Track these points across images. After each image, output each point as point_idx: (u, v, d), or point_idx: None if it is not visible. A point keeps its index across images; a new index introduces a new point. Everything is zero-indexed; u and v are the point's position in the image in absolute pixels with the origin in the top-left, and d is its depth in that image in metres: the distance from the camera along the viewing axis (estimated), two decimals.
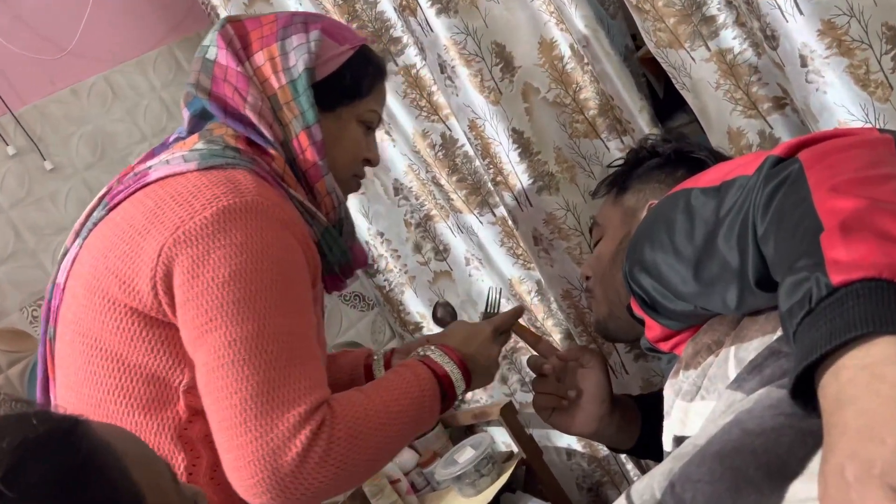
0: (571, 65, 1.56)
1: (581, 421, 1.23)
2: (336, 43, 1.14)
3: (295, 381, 0.90)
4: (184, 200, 0.95)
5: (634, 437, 1.25)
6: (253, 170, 1.02)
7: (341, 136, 1.15)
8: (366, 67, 1.16)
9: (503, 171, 1.61)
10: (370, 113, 1.18)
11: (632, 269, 0.90)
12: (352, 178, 1.20)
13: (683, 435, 0.84)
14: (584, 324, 1.67)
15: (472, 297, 1.98)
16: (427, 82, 1.74)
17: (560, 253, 1.63)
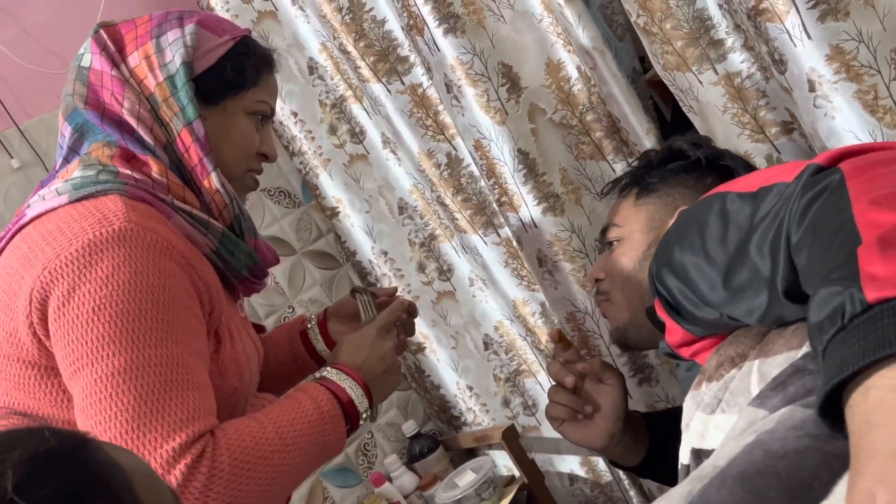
0: (578, 86, 1.57)
1: (593, 435, 1.23)
2: (214, 35, 1.11)
3: (170, 413, 0.87)
4: (52, 239, 0.91)
5: (641, 456, 1.25)
6: (127, 192, 0.97)
7: (229, 130, 1.11)
8: (248, 57, 1.12)
9: (508, 191, 1.61)
10: (259, 104, 1.13)
11: (660, 269, 0.89)
12: (246, 175, 1.15)
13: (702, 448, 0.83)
14: (588, 347, 1.66)
15: (476, 319, 1.97)
16: (433, 102, 1.74)
17: (564, 275, 1.62)
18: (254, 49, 1.14)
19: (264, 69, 1.15)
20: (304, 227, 2.13)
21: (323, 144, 1.99)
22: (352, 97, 1.97)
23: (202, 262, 1.02)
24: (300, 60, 1.96)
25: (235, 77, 1.11)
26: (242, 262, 1.09)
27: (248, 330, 1.17)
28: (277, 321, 2.02)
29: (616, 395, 1.23)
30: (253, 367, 1.10)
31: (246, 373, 1.06)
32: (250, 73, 1.12)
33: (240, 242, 1.08)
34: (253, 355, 1.12)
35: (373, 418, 1.11)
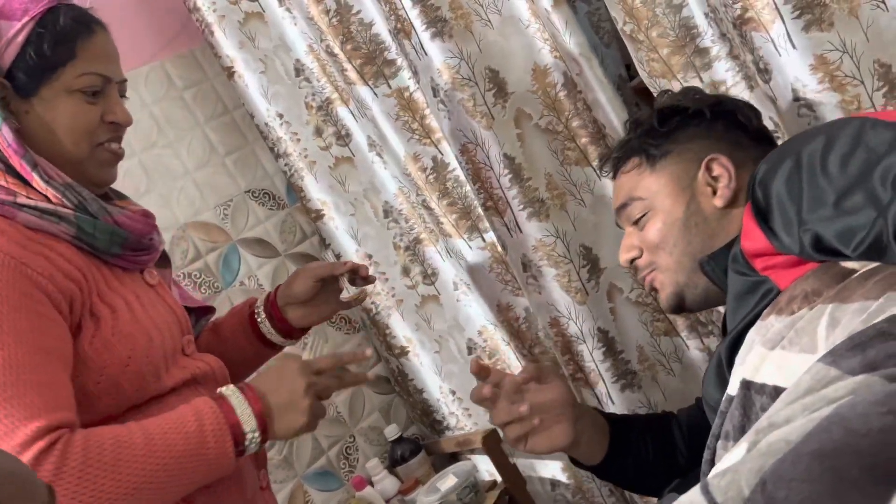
0: (564, 92, 1.57)
1: (556, 434, 1.19)
2: (11, 21, 1.05)
3: (8, 414, 0.90)
4: None
5: (603, 450, 1.23)
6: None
7: (53, 118, 1.07)
8: (54, 33, 1.06)
9: (494, 196, 1.62)
10: (81, 78, 1.07)
11: (767, 174, 0.88)
12: (97, 150, 1.11)
13: (753, 381, 0.81)
14: (571, 352, 1.67)
15: (460, 323, 1.97)
16: (420, 105, 1.74)
17: (548, 280, 1.63)
18: (55, 22, 1.07)
19: (78, 39, 1.08)
20: (288, 229, 2.13)
21: (308, 146, 1.99)
22: (338, 100, 1.97)
23: (61, 250, 1.03)
24: (287, 62, 1.96)
25: (39, 61, 1.05)
26: (108, 241, 1.08)
27: (162, 296, 1.17)
28: None
29: (560, 386, 1.21)
30: (165, 332, 1.11)
31: (143, 340, 1.06)
32: (57, 52, 1.06)
33: (97, 223, 1.07)
34: (165, 320, 1.12)
35: (265, 441, 1.07)
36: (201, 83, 2.07)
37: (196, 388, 1.15)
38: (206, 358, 1.19)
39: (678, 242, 1.10)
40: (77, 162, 1.09)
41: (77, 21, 1.09)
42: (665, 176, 1.12)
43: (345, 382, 1.21)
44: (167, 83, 2.02)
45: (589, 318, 1.63)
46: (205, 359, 1.19)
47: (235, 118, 2.11)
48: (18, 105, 1.06)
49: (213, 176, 2.03)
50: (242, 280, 2.02)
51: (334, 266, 1.34)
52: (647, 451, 1.25)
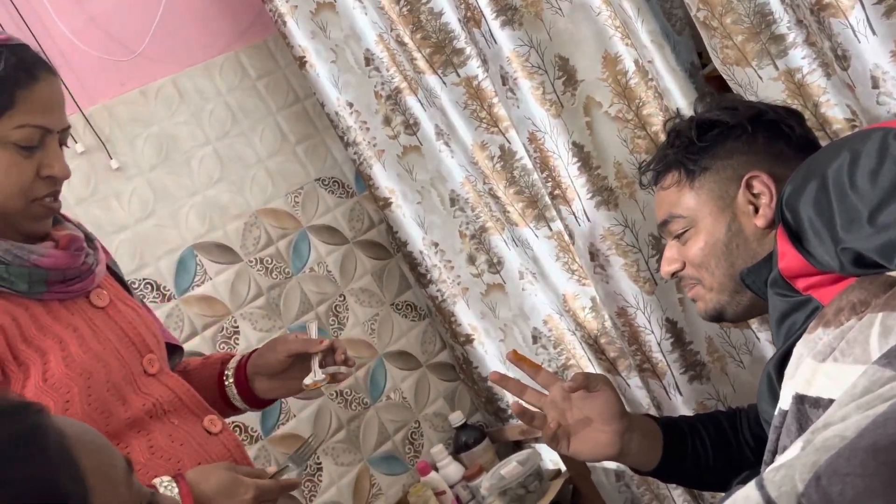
0: (635, 80, 1.57)
1: (604, 443, 1.19)
2: None
3: None
4: None
5: (657, 456, 1.22)
6: None
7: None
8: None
9: (561, 184, 1.62)
10: (19, 131, 1.00)
11: (793, 196, 0.88)
12: (30, 206, 1.05)
13: (806, 394, 0.81)
14: (639, 342, 1.67)
15: (525, 312, 1.99)
16: (488, 94, 1.76)
17: (616, 269, 1.63)
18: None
19: (18, 87, 1.01)
20: (356, 216, 2.17)
21: (377, 135, 2.02)
22: (407, 89, 1.99)
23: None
24: (357, 52, 1.99)
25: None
26: (28, 283, 1.04)
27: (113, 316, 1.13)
28: (328, 309, 2.06)
29: (607, 396, 1.20)
30: (113, 360, 1.08)
31: (81, 382, 1.03)
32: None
33: (10, 269, 1.02)
34: (113, 347, 1.09)
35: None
36: (274, 73, 2.12)
37: (164, 420, 1.11)
38: (172, 382, 1.15)
39: (720, 264, 1.10)
40: (8, 215, 1.04)
41: (19, 67, 1.01)
42: (705, 193, 1.11)
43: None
44: (241, 73, 2.07)
45: (657, 308, 1.62)
46: (170, 383, 1.15)
47: (306, 107, 2.15)
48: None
49: (284, 164, 2.09)
50: (312, 266, 2.06)
51: (309, 343, 1.25)
52: (705, 453, 1.24)
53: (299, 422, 1.93)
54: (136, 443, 1.08)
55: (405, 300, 2.21)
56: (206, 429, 1.16)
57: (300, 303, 2.02)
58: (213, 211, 1.95)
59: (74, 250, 1.10)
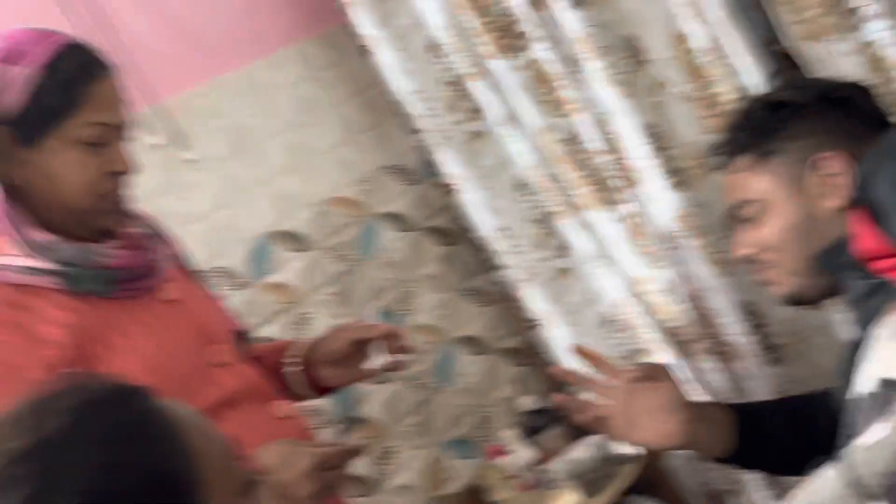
0: (705, 58, 1.55)
1: (668, 432, 1.18)
2: (18, 66, 1.02)
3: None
4: None
5: (730, 444, 1.21)
6: None
7: (57, 170, 1.04)
8: (58, 82, 1.02)
9: (631, 166, 1.62)
10: (87, 128, 1.04)
11: (869, 176, 0.87)
12: (99, 203, 1.08)
13: (890, 377, 0.80)
14: (713, 325, 1.65)
15: (594, 296, 1.97)
16: (554, 76, 1.75)
17: (690, 251, 1.61)
18: (62, 70, 1.03)
19: (84, 87, 1.04)
20: (423, 203, 2.19)
21: (442, 122, 2.01)
22: (472, 74, 1.99)
23: (49, 304, 1.03)
24: (421, 39, 1.99)
25: (42, 111, 1.02)
26: (97, 285, 1.07)
27: (179, 311, 1.14)
28: (398, 296, 2.08)
29: (670, 387, 1.20)
30: (180, 354, 1.10)
31: (153, 380, 0.98)
32: (62, 102, 1.03)
33: (81, 271, 1.05)
34: (180, 340, 1.11)
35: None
36: (340, 62, 2.14)
37: (235, 408, 1.12)
38: (240, 370, 1.17)
39: (794, 247, 1.08)
40: (78, 213, 1.07)
41: (82, 68, 1.05)
42: (776, 176, 1.09)
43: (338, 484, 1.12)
44: (309, 63, 2.10)
45: (733, 290, 1.60)
46: (239, 371, 1.16)
47: (373, 96, 2.17)
48: (20, 154, 1.03)
49: (352, 152, 2.11)
50: (381, 253, 2.09)
51: (367, 329, 1.27)
52: (783, 439, 1.22)
53: (371, 406, 1.96)
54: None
55: (473, 285, 2.22)
56: (274, 414, 1.18)
57: (370, 289, 2.05)
58: (285, 200, 1.98)
59: (140, 249, 1.12)
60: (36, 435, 0.55)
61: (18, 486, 0.53)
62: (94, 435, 0.57)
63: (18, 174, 1.04)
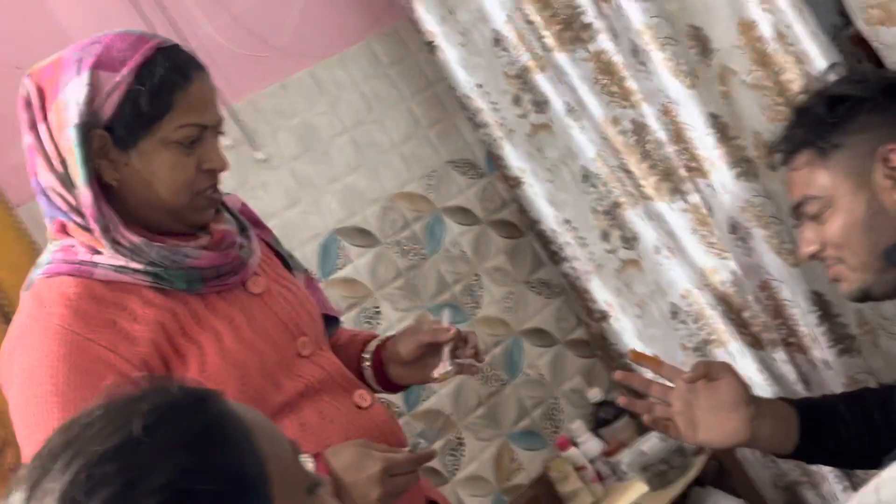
0: (774, 46, 1.52)
1: (732, 429, 1.18)
2: (111, 72, 1.04)
3: None
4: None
5: (794, 440, 1.20)
6: (48, 272, 1.08)
7: (153, 171, 1.07)
8: (152, 86, 1.05)
9: (697, 157, 1.60)
10: (180, 130, 1.06)
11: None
12: (196, 199, 1.11)
13: None
14: (783, 316, 1.63)
15: (662, 287, 1.97)
16: (619, 68, 1.74)
17: (758, 242, 1.60)
18: (153, 74, 1.05)
19: (175, 91, 1.06)
20: (488, 197, 2.20)
21: (507, 115, 2.03)
22: (535, 67, 1.99)
23: (139, 300, 1.07)
24: (485, 33, 2.00)
25: (137, 115, 1.05)
26: (186, 282, 1.10)
27: (269, 303, 1.17)
28: (464, 289, 2.10)
29: (732, 383, 1.19)
30: (268, 347, 1.12)
31: (234, 372, 1.08)
32: (154, 106, 1.05)
33: (169, 271, 1.08)
34: (268, 333, 1.13)
35: None
36: (405, 59, 2.17)
37: (315, 398, 1.15)
38: (324, 361, 1.18)
39: (862, 243, 1.07)
40: (174, 211, 1.10)
41: (175, 71, 1.07)
42: (840, 171, 1.08)
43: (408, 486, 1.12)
44: (374, 61, 2.13)
45: (803, 280, 1.58)
46: (323, 362, 1.18)
47: (437, 91, 2.19)
48: (117, 157, 1.06)
49: (417, 148, 2.14)
50: (447, 247, 2.11)
51: (438, 333, 1.25)
52: (848, 434, 1.20)
53: (440, 398, 1.99)
54: (288, 422, 1.12)
55: (539, 278, 2.22)
56: (356, 404, 1.19)
57: (437, 282, 2.08)
58: (353, 196, 2.02)
59: (226, 247, 1.14)
60: (119, 436, 0.58)
61: (103, 484, 0.56)
62: (175, 437, 0.59)
63: (115, 175, 1.07)
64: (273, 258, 1.27)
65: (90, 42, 1.07)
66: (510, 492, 2.01)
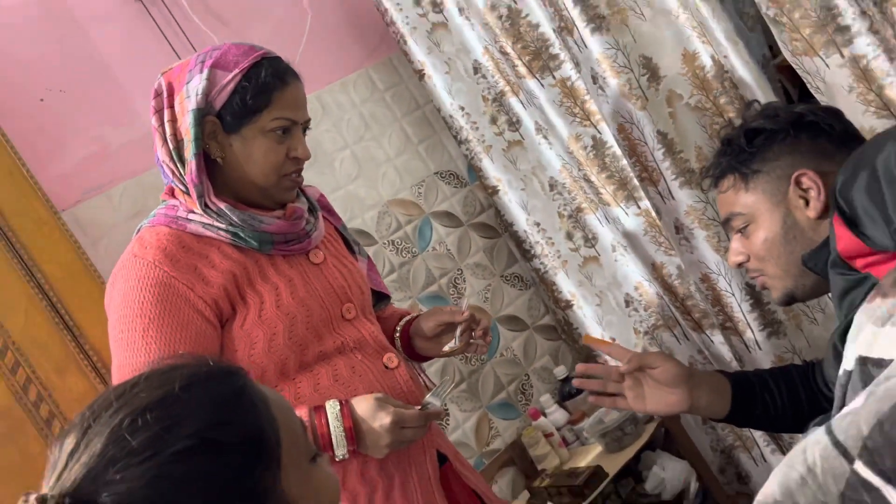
0: (712, 73, 1.53)
1: (672, 402, 1.21)
2: (226, 71, 1.12)
3: None
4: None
5: (727, 407, 1.21)
6: (152, 222, 1.15)
7: (251, 152, 1.14)
8: (254, 85, 1.12)
9: (648, 168, 1.61)
10: (275, 122, 1.13)
11: (846, 184, 0.87)
12: (282, 180, 1.17)
13: (868, 356, 0.81)
14: (721, 304, 1.64)
15: (618, 280, 1.98)
16: (580, 92, 1.75)
17: (700, 241, 1.60)
18: (258, 76, 1.12)
19: (274, 90, 1.13)
20: (469, 203, 2.20)
21: (485, 133, 2.03)
22: (510, 92, 2.00)
23: (219, 253, 1.13)
24: (466, 62, 2.01)
25: (243, 108, 1.12)
26: (259, 243, 1.15)
27: (325, 272, 1.21)
28: (448, 282, 2.10)
29: (669, 367, 1.20)
30: (317, 306, 1.16)
31: (285, 321, 1.13)
32: (256, 100, 1.12)
33: (245, 231, 1.14)
34: (319, 295, 1.17)
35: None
36: (398, 85, 2.16)
37: (350, 355, 1.18)
38: (365, 329, 1.21)
39: (781, 254, 1.08)
40: (264, 188, 1.16)
41: (275, 75, 1.14)
42: (759, 193, 1.09)
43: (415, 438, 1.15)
44: (371, 87, 2.13)
45: (737, 274, 1.59)
46: (364, 330, 1.21)
47: (425, 112, 2.19)
48: (224, 139, 1.14)
49: (408, 161, 2.14)
50: (434, 246, 2.11)
51: (454, 315, 1.29)
52: (774, 403, 1.22)
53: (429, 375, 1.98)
54: (323, 371, 1.16)
55: (513, 272, 2.23)
56: (385, 364, 1.21)
57: (426, 276, 2.08)
58: (353, 203, 2.02)
59: (294, 219, 1.19)
60: (162, 392, 0.60)
61: (146, 428, 0.58)
62: (208, 397, 0.61)
63: (220, 154, 1.14)
64: (339, 241, 1.33)
65: (212, 49, 1.15)
66: (488, 455, 2.01)
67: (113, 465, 0.56)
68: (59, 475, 0.57)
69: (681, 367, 1.21)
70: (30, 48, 1.69)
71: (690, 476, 1.89)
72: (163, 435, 0.57)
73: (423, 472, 1.19)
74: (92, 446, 0.57)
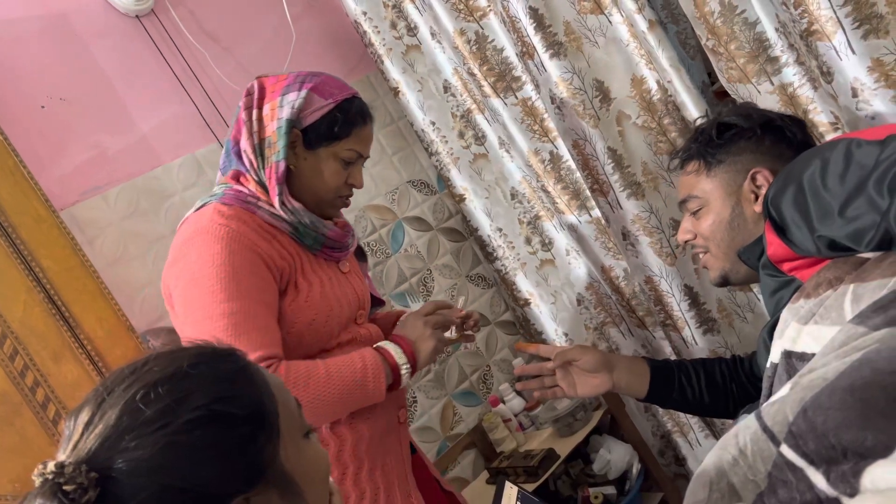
0: (658, 96, 1.55)
1: (597, 384, 1.23)
2: (322, 98, 1.17)
3: (240, 345, 1.00)
4: (179, 233, 1.14)
5: (645, 387, 1.24)
6: (222, 200, 1.13)
7: (321, 170, 1.18)
8: (340, 118, 1.17)
9: (599, 180, 1.62)
10: (347, 152, 1.18)
11: (777, 196, 0.87)
12: (336, 199, 1.22)
13: (793, 350, 0.81)
14: (662, 304, 1.65)
15: (571, 281, 1.99)
16: (540, 111, 1.75)
17: (644, 247, 1.62)
18: (348, 111, 1.18)
19: (355, 126, 1.19)
20: (438, 209, 2.20)
21: (453, 146, 2.03)
22: (476, 109, 2.00)
23: (282, 240, 1.14)
24: (437, 82, 2.01)
25: (328, 133, 1.16)
26: (313, 241, 1.18)
27: (350, 280, 1.25)
28: (418, 281, 2.09)
29: (590, 357, 1.23)
30: (344, 306, 1.19)
31: (325, 310, 1.15)
32: (340, 130, 1.17)
33: (307, 230, 1.17)
34: (345, 296, 1.20)
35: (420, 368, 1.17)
36: (374, 100, 2.15)
37: (357, 346, 1.22)
38: (370, 328, 1.27)
39: (724, 238, 1.09)
40: (320, 201, 1.20)
41: (360, 113, 1.20)
42: (718, 180, 1.09)
43: (448, 321, 1.25)
44: None
45: (677, 276, 1.60)
46: (369, 328, 1.26)
47: (399, 126, 2.18)
48: (301, 151, 1.17)
49: (384, 170, 2.12)
50: (406, 248, 2.10)
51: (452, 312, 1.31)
52: (691, 387, 1.23)
53: None
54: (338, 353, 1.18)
55: (477, 273, 2.23)
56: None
57: (398, 276, 2.06)
58: None
59: (345, 232, 1.25)
60: (172, 369, 0.60)
61: (157, 400, 0.57)
62: (214, 374, 0.61)
63: (294, 163, 1.17)
64: (356, 255, 1.38)
65: (312, 74, 1.19)
66: (452, 439, 2.01)
67: (127, 434, 0.56)
68: (74, 445, 0.57)
69: (599, 355, 1.24)
70: (33, 59, 1.65)
71: (633, 458, 1.91)
72: (175, 406, 0.57)
73: (400, 456, 1.24)
74: (107, 417, 0.57)
